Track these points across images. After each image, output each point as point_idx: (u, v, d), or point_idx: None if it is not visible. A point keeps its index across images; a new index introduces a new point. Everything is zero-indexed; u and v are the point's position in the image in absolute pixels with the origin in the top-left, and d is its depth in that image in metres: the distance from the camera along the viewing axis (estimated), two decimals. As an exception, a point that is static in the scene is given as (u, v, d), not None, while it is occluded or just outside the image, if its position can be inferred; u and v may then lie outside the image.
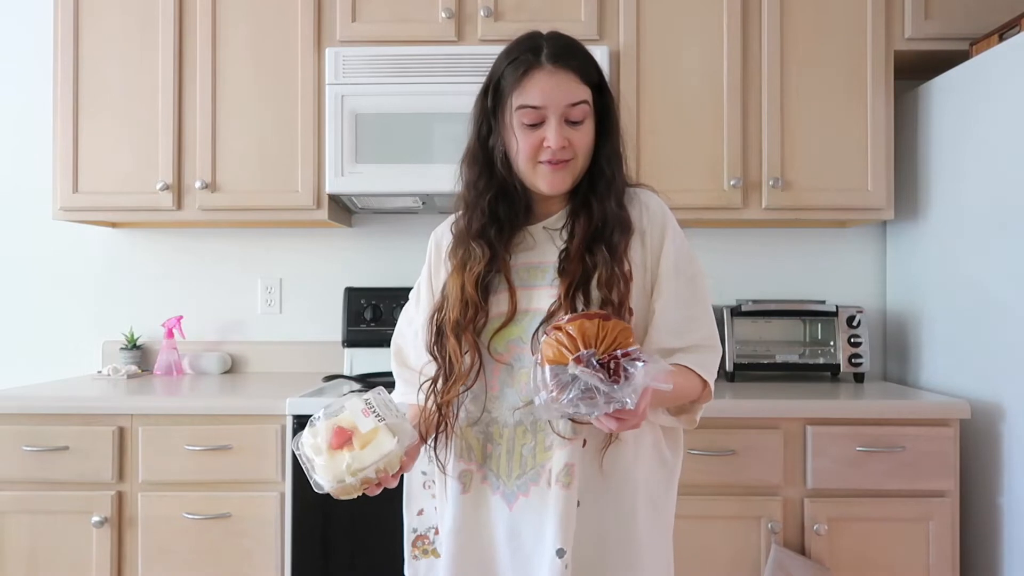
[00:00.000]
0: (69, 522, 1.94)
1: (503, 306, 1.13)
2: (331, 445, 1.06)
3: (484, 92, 1.16)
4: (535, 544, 1.10)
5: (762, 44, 2.24)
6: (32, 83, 2.60)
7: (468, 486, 1.15)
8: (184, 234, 2.62)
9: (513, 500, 1.12)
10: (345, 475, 1.04)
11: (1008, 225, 1.89)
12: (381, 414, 1.07)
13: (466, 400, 1.15)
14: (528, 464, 1.12)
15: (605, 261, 1.10)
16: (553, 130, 1.10)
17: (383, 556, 1.82)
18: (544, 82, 1.10)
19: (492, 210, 1.16)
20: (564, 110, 1.10)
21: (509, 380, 1.13)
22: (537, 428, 1.11)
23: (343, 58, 2.18)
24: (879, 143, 2.22)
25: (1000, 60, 1.94)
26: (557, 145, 1.09)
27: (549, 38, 1.14)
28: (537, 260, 1.16)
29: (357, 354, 2.48)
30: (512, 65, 1.12)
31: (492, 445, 1.14)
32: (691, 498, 1.89)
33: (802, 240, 2.57)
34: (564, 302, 1.08)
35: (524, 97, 1.11)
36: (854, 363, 2.28)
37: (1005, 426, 1.89)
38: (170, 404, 1.97)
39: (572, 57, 1.12)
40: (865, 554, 1.89)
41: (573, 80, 1.11)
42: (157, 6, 2.27)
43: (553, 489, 1.08)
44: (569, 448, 1.09)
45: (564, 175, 1.13)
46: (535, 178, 1.14)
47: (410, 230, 2.58)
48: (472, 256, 1.15)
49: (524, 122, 1.11)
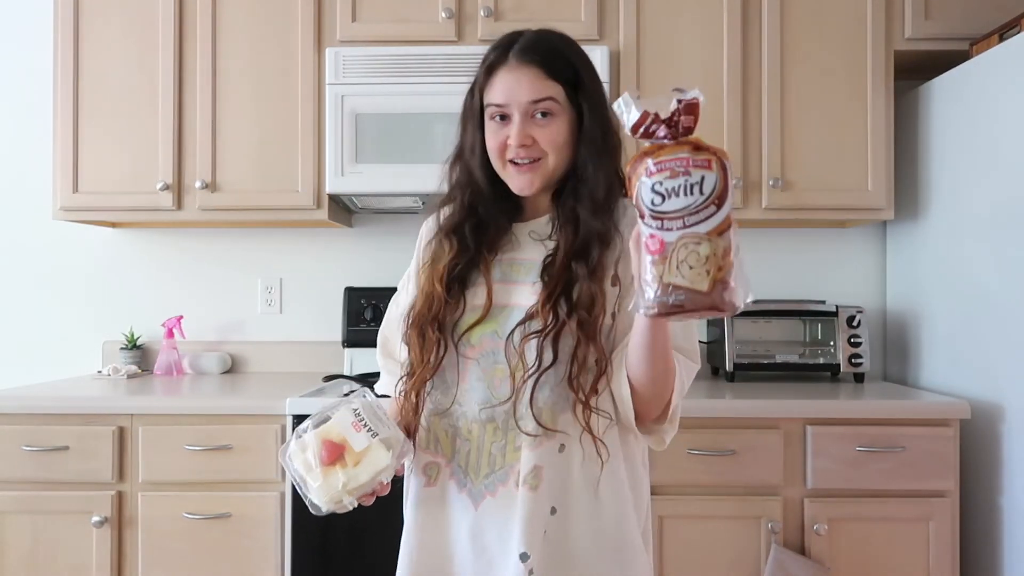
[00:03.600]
0: (69, 522, 1.94)
1: (479, 299, 1.13)
2: (323, 461, 1.03)
3: (469, 92, 1.16)
4: (499, 547, 1.08)
5: (762, 44, 2.24)
6: (32, 82, 2.60)
7: (434, 479, 1.13)
8: (184, 234, 2.62)
9: (480, 499, 1.10)
10: (343, 495, 1.02)
11: (1008, 225, 1.89)
12: (372, 426, 1.04)
13: (434, 389, 1.14)
14: (497, 463, 1.09)
15: (584, 277, 1.07)
16: (514, 127, 1.08)
17: (383, 556, 1.82)
18: (506, 79, 1.09)
19: (471, 206, 1.15)
20: (527, 107, 1.08)
21: (481, 374, 1.11)
22: (508, 427, 1.09)
23: (343, 58, 2.18)
24: (879, 143, 2.22)
25: (1000, 60, 1.94)
26: (516, 143, 1.08)
27: (525, 34, 1.13)
28: (521, 256, 1.15)
29: (357, 354, 2.48)
30: (483, 64, 1.13)
31: (460, 440, 1.12)
32: (691, 498, 1.89)
33: (802, 240, 2.57)
34: (542, 311, 1.06)
35: (490, 95, 1.11)
36: (854, 363, 2.28)
37: (1005, 426, 1.89)
38: (170, 404, 1.97)
39: (536, 52, 1.09)
40: (865, 554, 1.89)
41: (538, 76, 1.08)
42: (157, 6, 2.27)
43: (520, 491, 1.06)
44: (539, 450, 1.06)
45: (532, 176, 1.10)
46: (507, 178, 1.13)
47: (410, 230, 2.54)
48: (441, 250, 1.15)
49: (492, 120, 1.11)
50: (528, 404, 1.06)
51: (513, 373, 1.08)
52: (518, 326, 1.08)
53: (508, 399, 1.08)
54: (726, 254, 0.79)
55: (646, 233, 0.81)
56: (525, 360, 1.07)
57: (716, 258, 0.78)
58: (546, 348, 1.05)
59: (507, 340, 1.08)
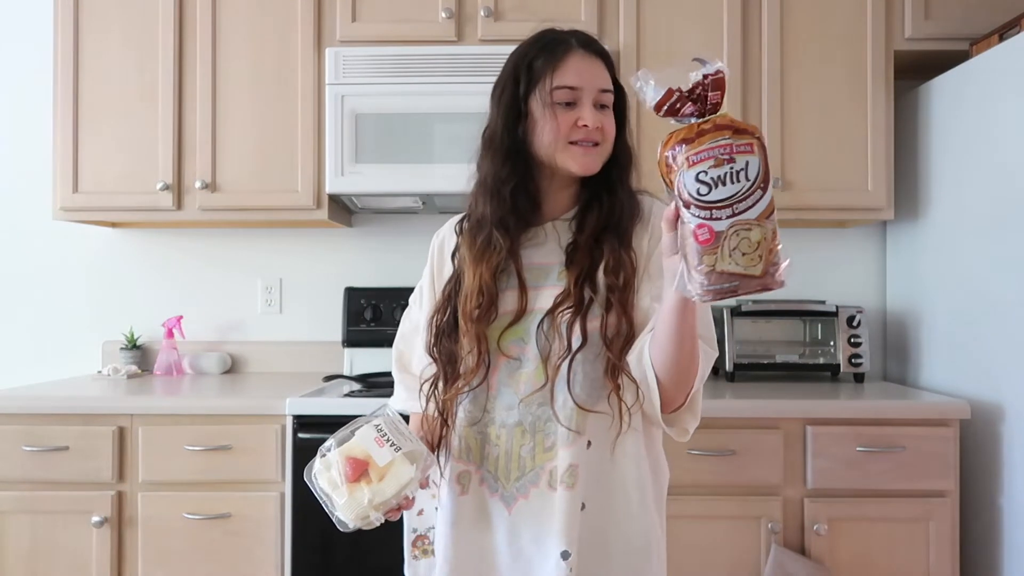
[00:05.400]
0: (69, 522, 1.94)
1: (512, 304, 1.13)
2: (347, 478, 1.03)
3: (513, 78, 1.14)
4: (536, 547, 1.09)
5: (762, 44, 2.24)
6: (32, 82, 2.60)
7: (466, 487, 1.15)
8: (184, 234, 2.62)
9: (512, 503, 1.12)
10: (369, 511, 1.03)
11: (1008, 225, 1.89)
12: (395, 441, 1.05)
13: (466, 400, 1.14)
14: (527, 466, 1.11)
15: (613, 249, 1.10)
16: (588, 110, 1.10)
17: (383, 556, 1.82)
18: (580, 64, 1.12)
19: (513, 200, 1.14)
20: (596, 94, 1.12)
21: (508, 380, 1.12)
22: (536, 429, 1.10)
23: (343, 58, 2.18)
24: (879, 143, 2.22)
25: (1000, 60, 1.94)
26: (593, 124, 1.10)
27: (575, 31, 1.16)
28: (540, 261, 1.15)
29: (357, 354, 2.48)
30: (546, 47, 1.13)
31: (489, 446, 1.13)
32: (691, 498, 1.89)
33: (802, 240, 2.57)
34: (573, 290, 1.08)
35: (561, 77, 1.11)
36: (854, 363, 2.28)
37: (1005, 426, 1.89)
38: (170, 404, 1.97)
39: (597, 47, 1.15)
40: (865, 554, 1.89)
41: (602, 67, 1.14)
42: (157, 6, 2.27)
43: (558, 491, 1.08)
44: (574, 448, 1.08)
45: (595, 157, 1.13)
46: (566, 159, 1.11)
47: (410, 230, 2.58)
48: (492, 245, 1.13)
49: (559, 102, 1.11)
50: (566, 386, 1.07)
51: (545, 360, 1.09)
52: (548, 314, 1.09)
53: (543, 386, 1.09)
54: (775, 236, 0.79)
55: (693, 223, 0.80)
56: (561, 340, 1.08)
57: (767, 242, 0.78)
58: (576, 327, 1.07)
59: (538, 328, 1.10)
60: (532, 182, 1.15)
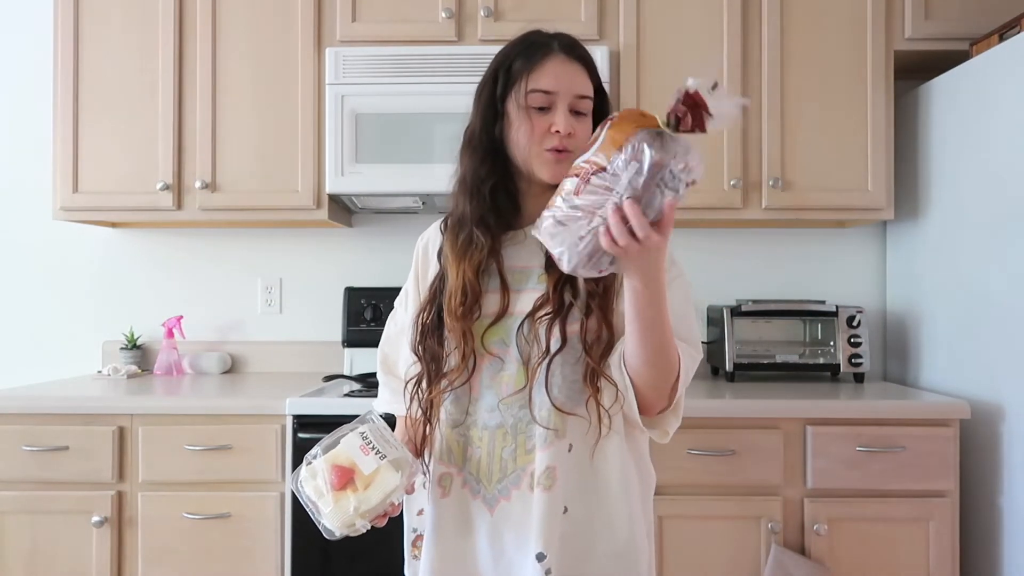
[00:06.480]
0: (69, 522, 1.94)
1: (495, 305, 1.12)
2: (333, 486, 1.04)
3: (492, 78, 1.15)
4: (516, 549, 1.09)
5: (762, 44, 2.24)
6: (32, 82, 2.60)
7: (448, 490, 1.14)
8: (184, 234, 2.62)
9: (494, 504, 1.11)
10: (355, 519, 1.03)
11: (1008, 225, 1.89)
12: (380, 449, 1.06)
13: (448, 402, 1.14)
14: (509, 468, 1.10)
15: None
16: (561, 115, 1.09)
17: (382, 556, 1.82)
18: (557, 68, 1.10)
19: (493, 199, 1.14)
20: (572, 100, 1.10)
21: (490, 382, 1.12)
22: (517, 431, 1.10)
23: (343, 58, 2.18)
24: (879, 143, 2.22)
25: (1000, 60, 1.94)
26: (565, 130, 1.08)
27: (558, 34, 1.15)
28: (521, 264, 1.15)
29: (357, 354, 2.48)
30: (526, 50, 1.12)
31: (472, 448, 1.13)
32: (691, 498, 1.89)
33: (802, 240, 2.57)
34: (552, 295, 1.08)
35: (536, 81, 1.10)
36: (854, 363, 2.28)
37: (1005, 426, 1.89)
38: (170, 404, 1.97)
39: (579, 52, 1.13)
40: (865, 554, 1.89)
41: (582, 73, 1.12)
42: (157, 6, 2.27)
43: (535, 492, 1.07)
44: (551, 450, 1.08)
45: (567, 166, 1.10)
46: (540, 165, 1.11)
47: (410, 230, 2.57)
48: (474, 243, 1.13)
49: (533, 106, 1.10)
50: (544, 388, 1.07)
51: (526, 362, 1.09)
52: (528, 316, 1.09)
53: (523, 388, 1.08)
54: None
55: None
56: (540, 343, 1.07)
57: None
58: (554, 331, 1.07)
59: (518, 331, 1.09)
60: (512, 182, 1.15)
